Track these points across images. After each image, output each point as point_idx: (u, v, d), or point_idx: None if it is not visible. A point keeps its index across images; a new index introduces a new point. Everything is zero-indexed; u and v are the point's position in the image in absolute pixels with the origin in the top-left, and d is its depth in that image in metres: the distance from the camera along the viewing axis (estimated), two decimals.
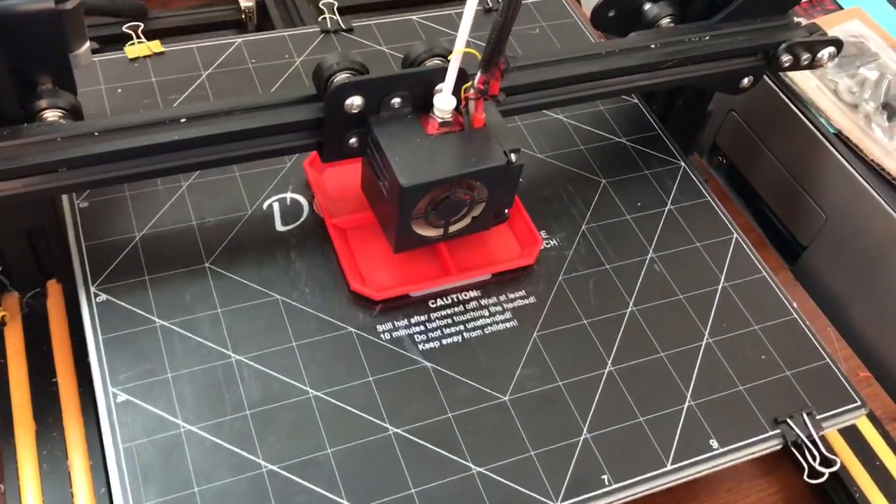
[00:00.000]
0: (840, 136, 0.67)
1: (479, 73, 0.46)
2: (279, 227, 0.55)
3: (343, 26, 0.67)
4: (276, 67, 0.63)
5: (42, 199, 0.50)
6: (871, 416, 0.58)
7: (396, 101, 0.48)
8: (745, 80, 0.61)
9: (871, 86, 0.67)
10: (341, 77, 0.47)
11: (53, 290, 0.54)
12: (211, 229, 0.54)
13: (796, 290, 0.67)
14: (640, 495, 0.48)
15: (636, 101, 0.66)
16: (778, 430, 0.50)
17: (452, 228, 0.51)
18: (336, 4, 0.68)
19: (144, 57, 0.62)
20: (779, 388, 0.52)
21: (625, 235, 0.58)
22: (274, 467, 0.45)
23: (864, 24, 0.74)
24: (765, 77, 0.64)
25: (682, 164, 0.63)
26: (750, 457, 0.50)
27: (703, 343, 0.54)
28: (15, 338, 0.52)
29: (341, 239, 0.54)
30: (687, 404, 0.51)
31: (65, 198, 0.53)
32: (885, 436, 0.58)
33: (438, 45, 0.51)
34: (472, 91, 0.47)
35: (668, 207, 0.60)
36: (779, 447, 0.51)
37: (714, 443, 0.49)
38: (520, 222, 0.56)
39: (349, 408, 0.48)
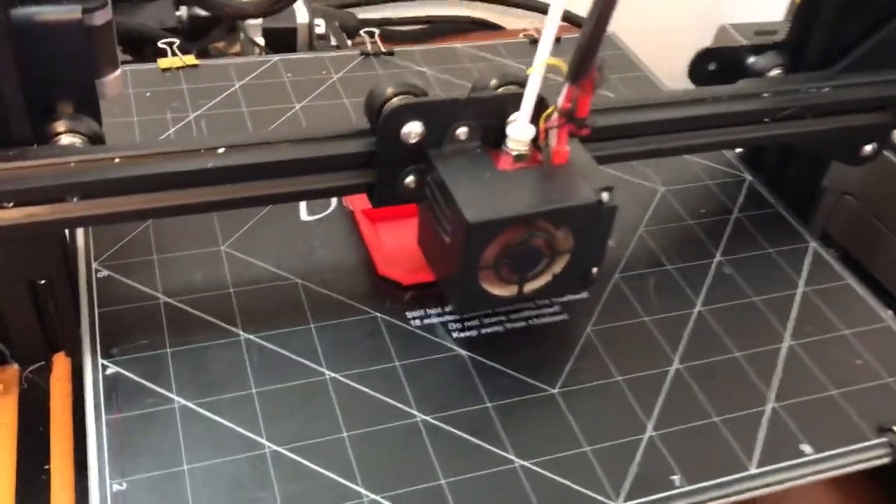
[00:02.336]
0: None
1: (565, 87, 0.39)
2: (304, 216, 0.50)
3: (383, 49, 0.64)
4: (311, 82, 0.61)
5: (49, 241, 0.41)
6: None
7: (463, 131, 0.41)
8: (868, 148, 0.53)
9: None
10: (398, 101, 0.40)
11: (60, 364, 0.44)
12: (230, 217, 0.49)
13: None
14: (722, 502, 0.39)
15: None
16: (885, 439, 0.42)
17: (528, 287, 0.43)
18: (377, 32, 0.66)
19: (177, 68, 0.60)
20: (881, 395, 0.44)
21: (687, 239, 0.52)
22: (279, 448, 0.38)
23: None
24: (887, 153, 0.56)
25: (747, 177, 0.57)
26: (853, 467, 0.41)
27: (785, 345, 0.46)
28: (7, 416, 0.42)
29: (370, 227, 0.49)
30: (770, 406, 0.43)
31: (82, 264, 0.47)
32: None
33: (512, 72, 0.44)
34: (554, 118, 0.40)
35: (734, 216, 0.54)
36: (887, 460, 0.42)
37: (806, 447, 0.41)
38: None
39: (370, 391, 0.41)
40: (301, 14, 0.72)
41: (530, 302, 0.47)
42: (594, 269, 0.43)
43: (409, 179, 0.42)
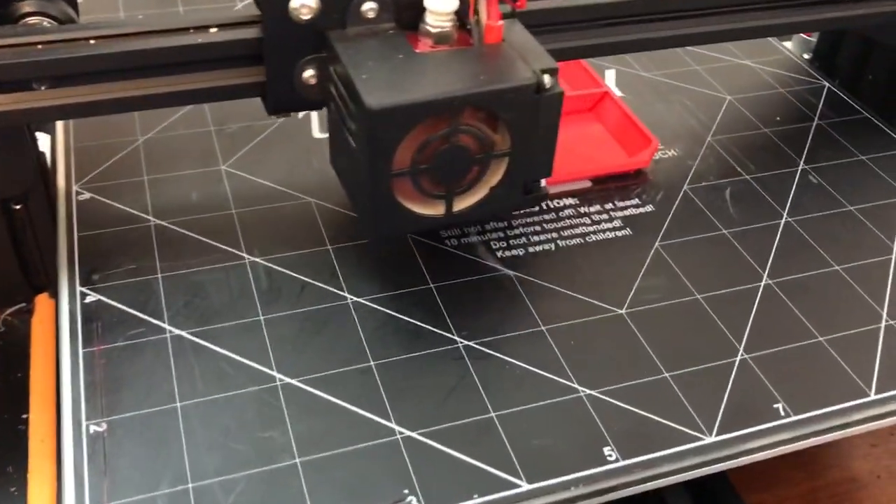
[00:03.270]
0: None
1: None
2: (317, 133, 0.43)
3: None
4: None
5: (23, 154, 0.34)
6: None
7: (370, 6, 0.33)
8: None
9: None
10: None
11: (43, 305, 0.37)
12: (230, 137, 0.43)
13: None
14: (838, 434, 0.32)
15: None
16: None
17: (458, 205, 0.33)
18: None
19: None
20: None
21: (764, 148, 0.45)
22: (293, 381, 0.31)
23: None
24: None
25: (825, 83, 0.50)
26: None
27: (894, 256, 0.39)
28: None
29: None
30: (884, 323, 0.35)
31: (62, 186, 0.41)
32: None
33: None
34: None
35: (815, 122, 0.47)
36: None
37: None
38: (623, 123, 0.43)
39: (400, 316, 0.34)
40: None
41: (585, 218, 0.40)
42: (542, 181, 0.34)
43: (308, 74, 0.33)
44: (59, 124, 0.42)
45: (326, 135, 0.43)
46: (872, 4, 0.43)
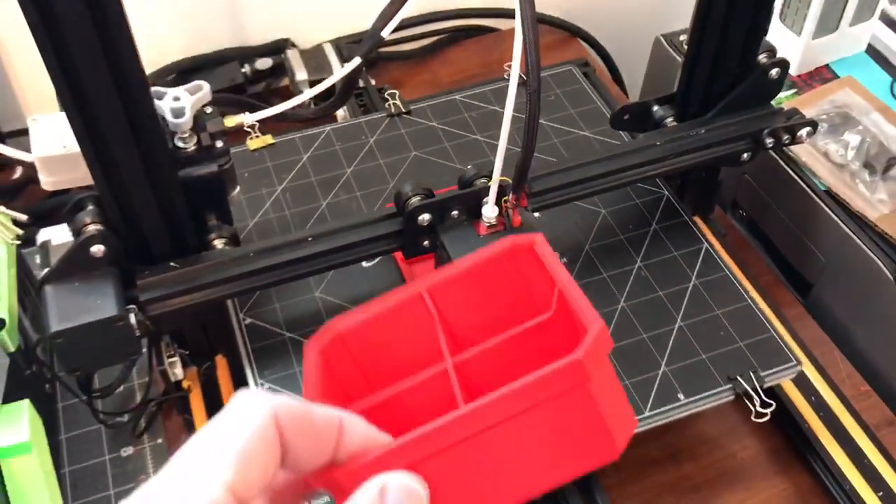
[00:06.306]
0: (830, 193, 0.83)
1: (510, 194, 0.65)
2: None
3: (403, 109, 0.89)
4: (355, 147, 0.86)
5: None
6: (860, 420, 0.72)
7: (455, 213, 0.65)
8: (745, 156, 0.76)
9: (854, 148, 0.84)
10: (414, 200, 0.64)
11: (221, 363, 0.71)
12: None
13: (807, 321, 0.82)
14: None
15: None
16: (730, 386, 0.69)
17: None
18: (398, 94, 0.90)
19: (261, 148, 0.85)
20: (732, 356, 0.71)
21: (613, 247, 0.78)
22: None
23: (853, 91, 0.90)
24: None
25: (665, 192, 0.82)
26: (708, 405, 0.68)
27: (676, 326, 0.72)
28: (197, 402, 0.69)
29: None
30: (661, 370, 0.70)
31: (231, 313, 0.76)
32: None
33: (485, 168, 0.67)
34: (509, 202, 0.65)
35: (653, 227, 0.79)
36: (731, 398, 0.69)
37: (681, 395, 0.68)
38: None
39: None
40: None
41: None
42: None
43: (426, 243, 0.68)
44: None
45: None
46: (683, 159, 0.75)
